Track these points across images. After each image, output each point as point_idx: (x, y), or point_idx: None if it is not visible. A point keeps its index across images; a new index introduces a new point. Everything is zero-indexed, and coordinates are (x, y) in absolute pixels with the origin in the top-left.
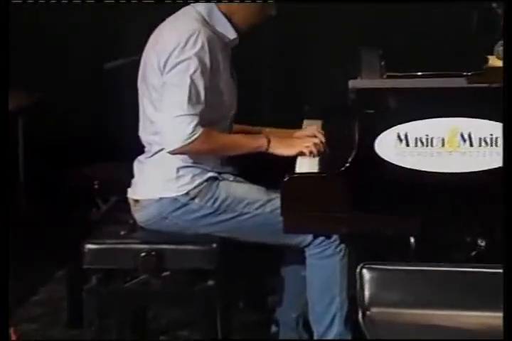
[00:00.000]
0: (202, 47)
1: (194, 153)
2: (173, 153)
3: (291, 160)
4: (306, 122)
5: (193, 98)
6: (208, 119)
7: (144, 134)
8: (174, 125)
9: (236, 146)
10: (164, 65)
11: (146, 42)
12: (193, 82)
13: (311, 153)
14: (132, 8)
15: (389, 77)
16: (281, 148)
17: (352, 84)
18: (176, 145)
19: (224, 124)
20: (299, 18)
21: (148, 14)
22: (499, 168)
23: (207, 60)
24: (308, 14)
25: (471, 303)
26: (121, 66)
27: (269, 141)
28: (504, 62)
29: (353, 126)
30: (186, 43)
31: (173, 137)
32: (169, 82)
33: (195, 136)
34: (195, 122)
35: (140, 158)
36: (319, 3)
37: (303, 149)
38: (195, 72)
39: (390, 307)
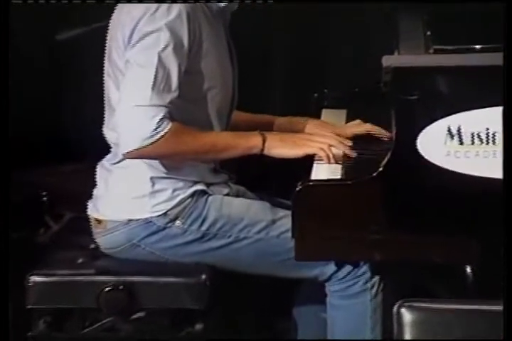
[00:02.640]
0: (178, 16)
1: (158, 158)
2: (129, 156)
3: (307, 163)
4: (325, 112)
5: (160, 83)
6: (188, 119)
7: (108, 130)
8: (132, 118)
9: (217, 149)
10: (129, 38)
11: None
12: (161, 62)
13: (327, 157)
14: None
15: (436, 51)
16: (280, 148)
17: (387, 61)
18: (133, 145)
19: (215, 124)
20: None
21: None
22: None
23: (184, 34)
24: None
25: None
26: (78, 38)
27: (264, 140)
28: (504, 62)
29: (389, 117)
30: (157, 10)
31: (129, 135)
32: (132, 61)
33: (160, 135)
34: (160, 116)
35: (104, 162)
36: None
37: (314, 151)
38: (165, 48)
39: None
